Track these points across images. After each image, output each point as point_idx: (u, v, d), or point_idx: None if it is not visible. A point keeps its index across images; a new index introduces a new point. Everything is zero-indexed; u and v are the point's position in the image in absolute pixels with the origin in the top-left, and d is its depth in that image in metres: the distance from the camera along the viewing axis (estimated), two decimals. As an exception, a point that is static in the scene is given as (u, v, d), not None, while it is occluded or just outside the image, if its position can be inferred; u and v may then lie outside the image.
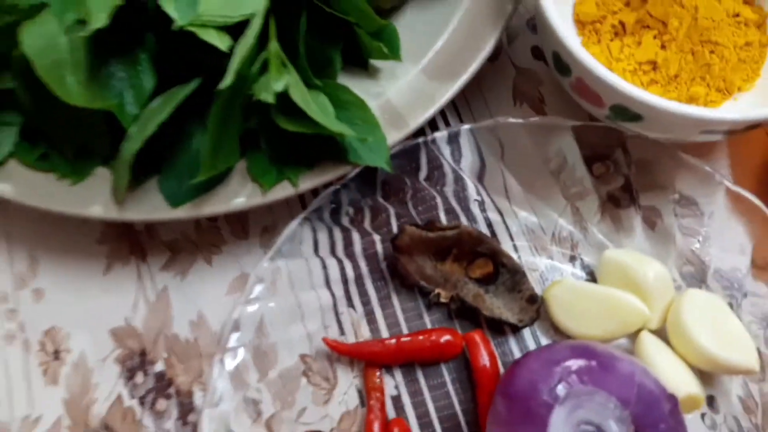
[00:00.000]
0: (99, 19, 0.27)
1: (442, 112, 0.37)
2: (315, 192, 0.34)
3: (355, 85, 0.34)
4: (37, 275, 0.35)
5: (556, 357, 0.28)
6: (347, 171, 0.31)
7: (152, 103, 0.30)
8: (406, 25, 0.36)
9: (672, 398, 0.27)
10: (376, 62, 0.35)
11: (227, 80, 0.26)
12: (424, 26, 0.35)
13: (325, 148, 0.31)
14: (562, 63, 0.31)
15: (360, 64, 0.35)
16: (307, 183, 0.31)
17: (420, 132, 0.34)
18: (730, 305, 0.32)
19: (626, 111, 0.30)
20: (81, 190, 0.31)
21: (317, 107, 0.30)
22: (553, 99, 0.37)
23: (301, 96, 0.29)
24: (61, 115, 0.31)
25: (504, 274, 0.32)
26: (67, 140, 0.32)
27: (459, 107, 0.37)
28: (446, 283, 0.32)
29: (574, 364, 0.27)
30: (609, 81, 0.28)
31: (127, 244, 0.35)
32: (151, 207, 0.30)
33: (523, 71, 0.38)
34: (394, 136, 0.32)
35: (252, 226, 0.35)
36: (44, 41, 0.29)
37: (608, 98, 0.30)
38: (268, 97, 0.28)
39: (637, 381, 0.27)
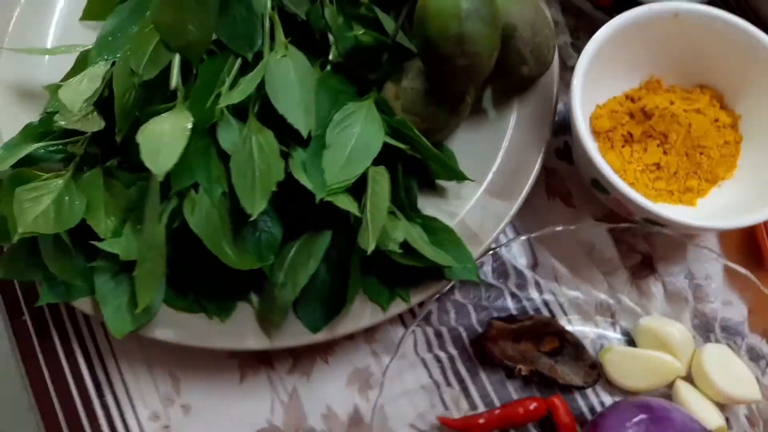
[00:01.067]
0: (260, 206, 0.34)
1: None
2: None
3: (430, 204, 0.42)
4: (181, 393, 0.41)
5: (626, 415, 0.37)
6: (445, 284, 0.39)
7: (290, 251, 0.37)
8: (458, 149, 0.43)
9: (710, 435, 0.37)
10: (441, 182, 0.43)
11: (370, 247, 0.34)
12: (476, 150, 0.43)
13: (426, 269, 0.39)
14: (601, 186, 0.40)
15: (428, 184, 0.43)
16: (415, 298, 0.39)
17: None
18: (732, 348, 0.42)
19: (654, 222, 0.39)
20: (231, 326, 0.38)
21: (422, 242, 0.37)
22: (579, 192, 0.46)
23: (412, 238, 0.36)
24: (207, 268, 0.37)
25: (568, 347, 0.41)
26: (213, 285, 0.38)
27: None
28: (524, 359, 0.41)
29: (641, 419, 0.36)
30: (644, 205, 0.38)
31: (255, 354, 0.41)
32: (294, 334, 0.37)
33: (550, 171, 0.47)
34: (473, 251, 0.40)
35: (357, 328, 0.42)
36: (203, 217, 0.35)
37: (640, 214, 0.39)
38: (395, 247, 0.35)
39: (689, 427, 0.37)
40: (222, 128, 0.36)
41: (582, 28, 0.51)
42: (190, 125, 0.34)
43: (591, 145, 0.39)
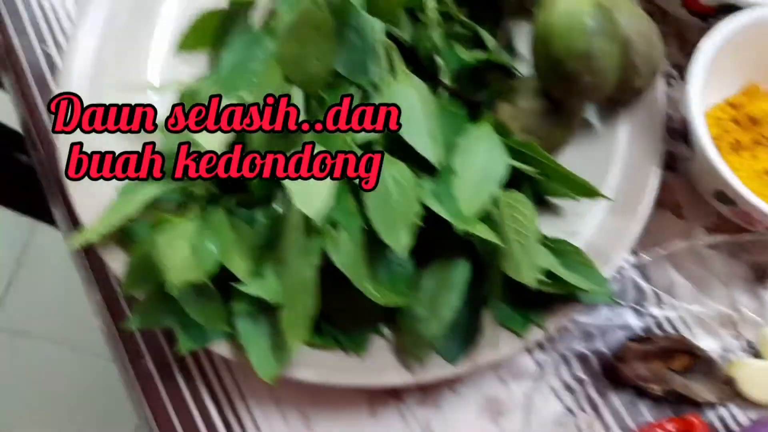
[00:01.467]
0: (405, 242, 0.33)
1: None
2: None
3: (548, 224, 0.41)
4: (313, 430, 0.40)
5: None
6: (577, 308, 0.39)
7: (425, 282, 0.36)
8: (567, 163, 0.43)
9: None
10: (554, 200, 0.42)
11: (530, 280, 0.33)
12: (586, 164, 0.42)
13: (556, 293, 0.38)
14: (727, 197, 0.39)
15: (539, 202, 0.42)
16: (550, 324, 0.38)
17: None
18: None
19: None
20: (369, 362, 0.37)
21: (560, 267, 0.37)
22: (688, 202, 0.46)
23: (551, 264, 0.36)
24: (340, 302, 0.36)
25: (699, 363, 0.41)
26: (346, 320, 0.37)
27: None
28: (656, 379, 0.40)
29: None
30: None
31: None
32: (434, 366, 0.37)
33: (657, 182, 0.46)
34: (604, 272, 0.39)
35: (482, 355, 0.42)
36: (346, 254, 0.34)
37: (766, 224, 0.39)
38: (542, 276, 0.35)
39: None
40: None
41: (670, 34, 0.50)
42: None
43: (717, 157, 0.39)
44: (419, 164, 0.37)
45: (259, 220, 0.38)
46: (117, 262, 0.37)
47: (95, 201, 0.39)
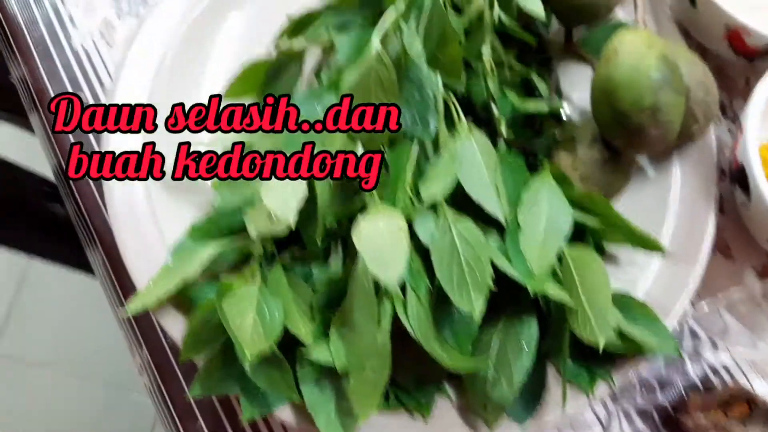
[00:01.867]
0: (478, 305, 0.32)
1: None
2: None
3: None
4: (371, 489, 0.39)
5: None
6: (641, 361, 0.38)
7: (491, 340, 0.36)
8: (622, 210, 0.41)
9: None
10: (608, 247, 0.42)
11: (601, 342, 0.33)
12: (641, 210, 0.42)
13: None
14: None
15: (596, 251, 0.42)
16: (616, 379, 0.37)
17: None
18: None
19: None
20: (434, 423, 0.36)
21: (626, 323, 0.36)
22: (736, 244, 0.45)
23: (622, 322, 0.35)
24: (409, 364, 0.35)
25: (757, 410, 0.41)
26: (414, 380, 0.36)
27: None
28: (716, 428, 0.40)
29: None
30: None
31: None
32: (505, 426, 0.36)
33: (705, 224, 0.46)
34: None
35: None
36: (416, 318, 0.33)
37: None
38: (613, 335, 0.34)
39: None
40: (419, 220, 0.35)
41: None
42: (404, 224, 0.32)
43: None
44: (482, 218, 0.36)
45: (315, 275, 0.37)
46: (172, 325, 0.36)
47: (144, 250, 0.38)
